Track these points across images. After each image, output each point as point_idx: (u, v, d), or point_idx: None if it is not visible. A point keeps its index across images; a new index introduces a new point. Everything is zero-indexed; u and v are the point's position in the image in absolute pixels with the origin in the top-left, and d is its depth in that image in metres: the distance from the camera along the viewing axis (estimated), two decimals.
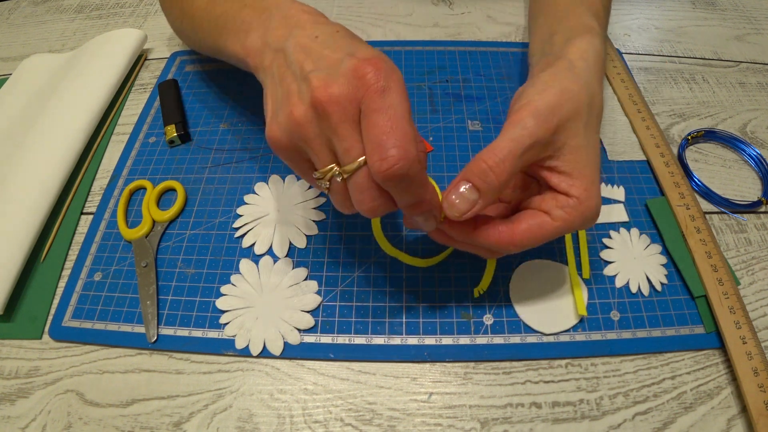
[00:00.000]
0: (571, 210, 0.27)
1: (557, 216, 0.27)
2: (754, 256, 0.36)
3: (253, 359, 0.32)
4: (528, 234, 0.27)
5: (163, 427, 0.30)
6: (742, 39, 0.52)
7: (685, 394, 0.30)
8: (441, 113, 0.45)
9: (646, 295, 0.34)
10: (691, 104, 0.46)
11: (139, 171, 0.42)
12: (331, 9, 0.57)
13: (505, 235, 0.27)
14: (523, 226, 0.27)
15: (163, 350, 0.33)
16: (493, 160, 0.25)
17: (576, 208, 0.27)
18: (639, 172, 0.40)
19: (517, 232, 0.27)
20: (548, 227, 0.27)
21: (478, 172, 0.26)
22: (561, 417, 0.30)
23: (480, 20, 0.55)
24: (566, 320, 0.33)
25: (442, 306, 0.34)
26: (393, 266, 0.36)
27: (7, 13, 0.61)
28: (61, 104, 0.45)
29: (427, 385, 0.31)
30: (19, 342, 0.34)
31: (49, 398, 0.31)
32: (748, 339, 0.31)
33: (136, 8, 0.60)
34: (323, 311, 0.34)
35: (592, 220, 0.27)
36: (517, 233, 0.27)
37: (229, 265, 0.36)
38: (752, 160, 0.41)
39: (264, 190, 0.40)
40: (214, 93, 0.48)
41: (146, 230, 0.38)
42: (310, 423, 0.30)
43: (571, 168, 0.27)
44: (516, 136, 0.26)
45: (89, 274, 0.36)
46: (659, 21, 0.55)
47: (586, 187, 0.27)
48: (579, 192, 0.27)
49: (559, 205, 0.27)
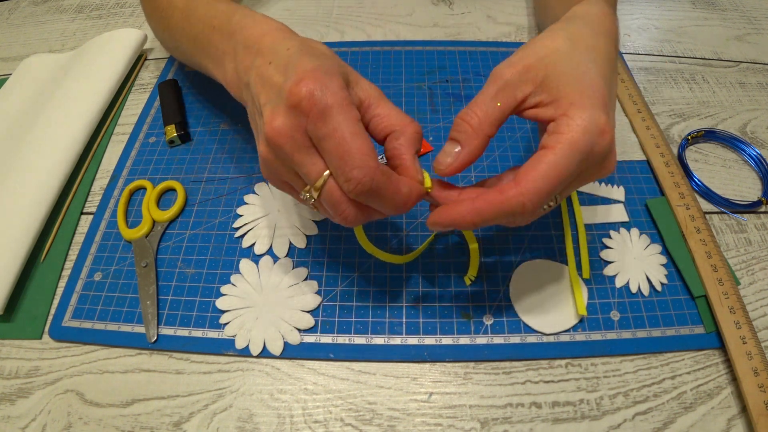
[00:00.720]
0: (565, 126, 0.24)
1: (553, 141, 0.24)
2: (754, 256, 0.36)
3: (253, 359, 0.32)
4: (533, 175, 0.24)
5: (163, 427, 0.30)
6: (742, 39, 0.52)
7: (685, 394, 0.30)
8: (441, 113, 0.45)
9: (646, 295, 0.34)
10: (691, 104, 0.46)
11: (139, 171, 0.42)
12: (331, 9, 0.57)
13: (509, 190, 0.24)
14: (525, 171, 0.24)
15: (163, 350, 0.33)
16: (464, 112, 0.26)
17: (570, 123, 0.24)
18: (639, 172, 0.40)
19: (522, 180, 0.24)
20: (549, 157, 0.24)
21: (454, 126, 0.27)
22: (561, 417, 0.30)
23: (480, 20, 0.55)
24: (566, 320, 0.33)
25: (442, 306, 0.34)
26: (393, 266, 0.36)
27: (7, 13, 0.61)
28: (61, 104, 0.45)
29: (427, 385, 0.31)
30: (19, 342, 0.34)
31: (49, 398, 0.31)
32: (748, 339, 0.31)
33: (136, 8, 0.60)
34: (323, 311, 0.34)
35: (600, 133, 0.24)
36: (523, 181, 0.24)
37: (229, 265, 0.36)
38: (752, 160, 0.41)
39: (264, 190, 0.40)
40: (214, 93, 0.48)
41: (146, 230, 0.38)
42: (310, 423, 0.30)
43: (554, 94, 0.25)
44: (484, 86, 0.27)
45: (89, 274, 0.36)
46: (659, 21, 0.55)
47: (574, 101, 0.25)
48: (566, 107, 0.25)
49: (552, 131, 0.25)
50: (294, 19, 0.57)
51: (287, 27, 0.30)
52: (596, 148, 0.24)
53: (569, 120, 0.24)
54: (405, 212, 0.26)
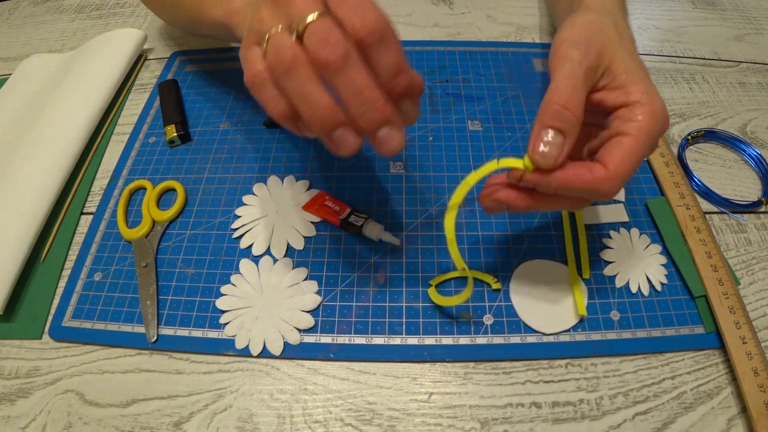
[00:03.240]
0: (641, 114, 0.26)
1: (632, 128, 0.26)
2: (754, 256, 0.36)
3: (253, 359, 0.32)
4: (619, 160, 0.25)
5: (163, 427, 0.30)
6: (742, 39, 0.52)
7: (685, 394, 0.30)
8: (441, 113, 0.45)
9: (646, 295, 0.34)
10: (691, 104, 0.46)
11: (139, 171, 0.42)
12: None
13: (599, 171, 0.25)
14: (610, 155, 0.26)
15: (163, 350, 0.33)
16: (563, 99, 0.25)
17: (644, 110, 0.26)
18: (639, 172, 0.40)
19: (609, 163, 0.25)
20: (631, 143, 0.25)
21: (554, 115, 0.25)
22: (561, 417, 0.30)
23: (480, 20, 0.55)
24: (566, 320, 0.33)
25: (442, 306, 0.34)
26: (393, 266, 0.36)
27: (7, 13, 0.61)
28: (61, 104, 0.45)
29: (427, 385, 0.31)
30: (19, 342, 0.34)
31: (49, 398, 0.31)
32: (748, 339, 0.31)
33: (136, 8, 0.60)
34: (323, 311, 0.34)
35: (665, 120, 0.26)
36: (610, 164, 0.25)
37: (229, 265, 0.36)
38: (752, 160, 0.41)
39: (262, 190, 0.40)
40: (214, 93, 0.48)
41: (146, 230, 0.38)
42: (310, 423, 0.30)
43: (624, 79, 0.27)
44: (569, 70, 0.26)
45: (89, 274, 0.36)
46: (659, 21, 0.55)
47: (645, 89, 0.26)
48: (639, 95, 0.26)
49: (628, 118, 0.26)
50: None
51: None
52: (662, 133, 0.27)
53: (644, 107, 0.26)
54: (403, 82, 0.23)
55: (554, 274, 0.35)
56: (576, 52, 0.26)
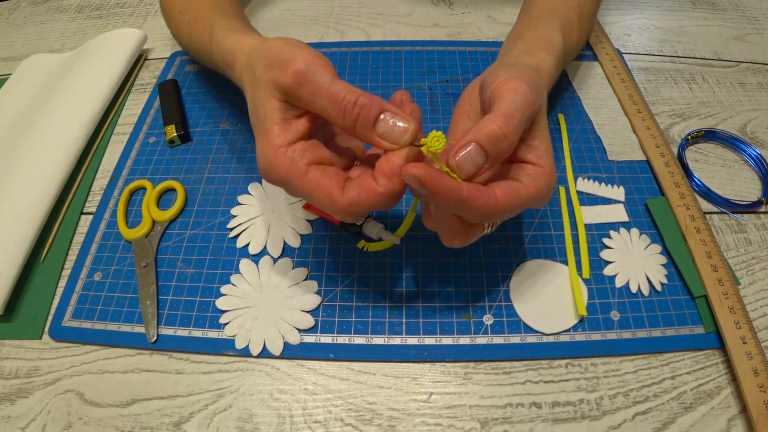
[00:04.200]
0: (539, 177, 0.27)
1: (528, 182, 0.27)
2: (754, 256, 0.36)
3: (253, 359, 0.32)
4: (508, 198, 0.26)
5: (163, 427, 0.30)
6: (742, 39, 0.52)
7: (685, 394, 0.30)
8: (441, 113, 0.45)
9: (646, 295, 0.34)
10: (691, 104, 0.46)
11: (139, 171, 0.42)
12: (331, 9, 0.57)
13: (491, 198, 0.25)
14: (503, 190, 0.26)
15: (163, 350, 0.33)
16: (507, 127, 0.24)
17: (543, 176, 0.27)
18: (639, 172, 0.40)
19: (500, 196, 0.25)
20: (522, 192, 0.26)
21: (491, 137, 0.24)
22: (561, 417, 0.30)
23: (480, 20, 0.55)
24: (566, 320, 0.33)
25: (442, 306, 0.34)
26: (393, 266, 0.36)
27: (7, 13, 0.61)
28: (61, 104, 0.45)
29: (427, 385, 0.31)
30: (19, 342, 0.34)
31: (49, 398, 0.31)
32: (748, 339, 0.31)
33: (136, 8, 0.60)
34: (323, 311, 0.34)
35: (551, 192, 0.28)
36: (501, 197, 0.25)
37: (229, 265, 0.36)
38: (752, 160, 0.41)
39: (258, 189, 0.40)
40: (214, 93, 0.48)
41: (146, 230, 0.38)
42: (310, 423, 0.30)
43: (539, 142, 0.28)
44: (520, 105, 0.25)
45: (89, 274, 0.36)
46: (659, 21, 0.55)
47: (551, 161, 0.28)
48: (546, 163, 0.27)
49: (527, 174, 0.27)
50: (294, 19, 0.57)
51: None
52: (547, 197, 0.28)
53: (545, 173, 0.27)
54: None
55: (554, 274, 0.35)
56: (531, 94, 0.26)
